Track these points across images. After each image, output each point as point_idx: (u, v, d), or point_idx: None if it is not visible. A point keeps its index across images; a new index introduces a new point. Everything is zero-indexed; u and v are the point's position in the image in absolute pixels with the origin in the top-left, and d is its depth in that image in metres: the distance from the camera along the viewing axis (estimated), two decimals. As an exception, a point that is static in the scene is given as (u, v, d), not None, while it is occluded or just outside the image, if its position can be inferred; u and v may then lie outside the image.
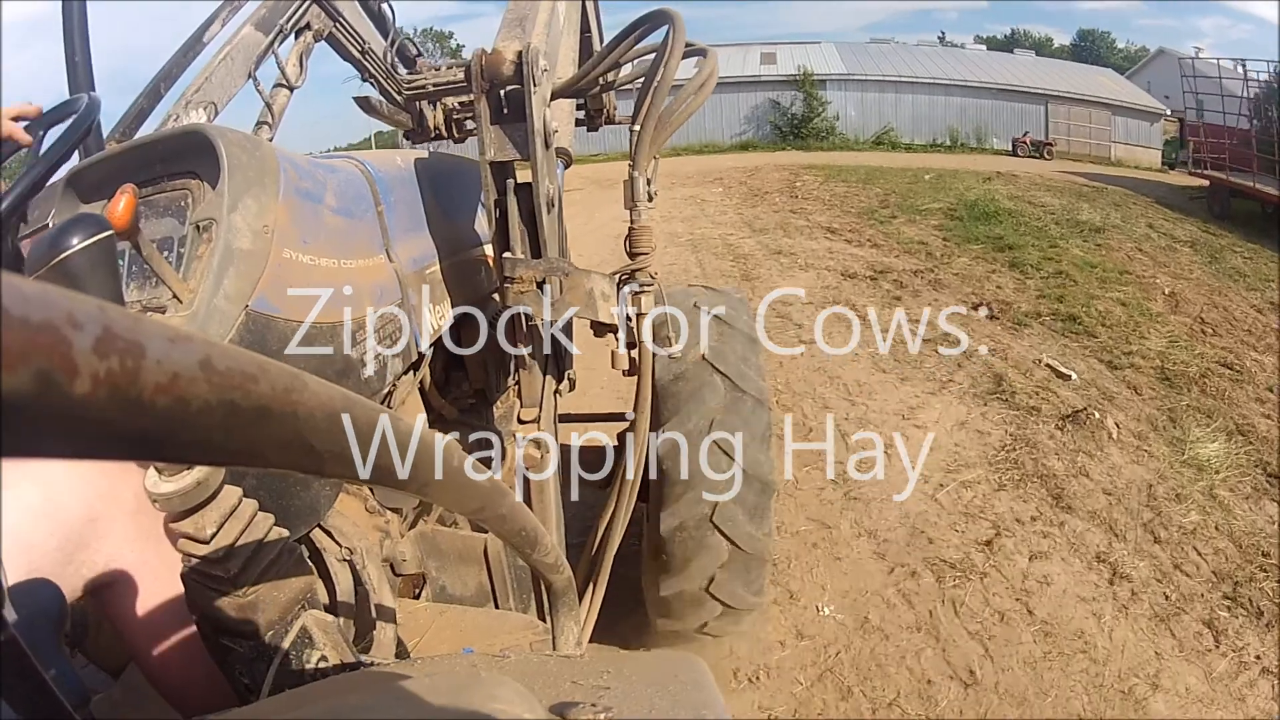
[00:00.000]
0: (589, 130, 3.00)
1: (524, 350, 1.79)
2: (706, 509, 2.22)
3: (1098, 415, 4.83)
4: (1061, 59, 40.51)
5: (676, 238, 11.55)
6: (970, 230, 10.94)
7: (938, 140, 31.48)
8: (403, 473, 0.37)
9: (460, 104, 2.73)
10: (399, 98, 2.65)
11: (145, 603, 1.03)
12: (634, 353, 1.83)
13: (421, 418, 1.98)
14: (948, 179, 17.54)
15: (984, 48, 41.54)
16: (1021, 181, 17.73)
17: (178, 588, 0.99)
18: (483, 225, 2.17)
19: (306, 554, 1.38)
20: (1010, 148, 28.76)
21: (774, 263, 9.62)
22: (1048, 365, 5.76)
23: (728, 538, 2.23)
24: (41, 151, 1.54)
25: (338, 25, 2.41)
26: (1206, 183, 14.62)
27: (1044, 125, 30.39)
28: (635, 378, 1.89)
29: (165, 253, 1.25)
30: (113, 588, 1.01)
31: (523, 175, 1.66)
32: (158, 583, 1.03)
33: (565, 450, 2.28)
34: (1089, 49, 54.66)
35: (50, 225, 1.36)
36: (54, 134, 1.59)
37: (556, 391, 1.91)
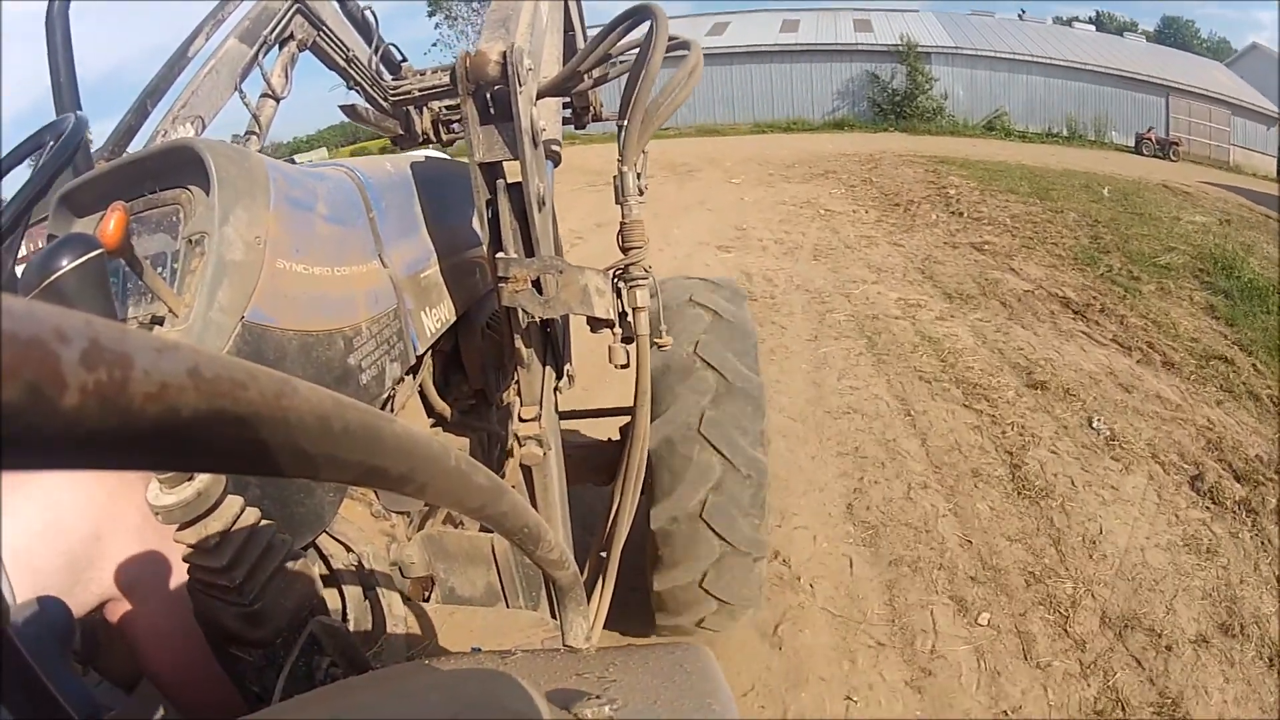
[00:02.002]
0: (576, 127, 3.00)
1: (521, 349, 1.79)
2: (696, 504, 2.34)
3: None
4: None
5: (824, 305, 7.31)
6: (1257, 323, 7.04)
7: (1053, 129, 27.92)
8: (398, 474, 0.38)
9: (447, 107, 2.73)
10: (385, 104, 2.65)
11: (153, 615, 1.03)
12: (631, 347, 1.84)
13: (422, 420, 1.99)
14: (1135, 200, 13.63)
15: (1093, 28, 36.37)
16: (1208, 208, 13.72)
17: (185, 599, 1.00)
18: (475, 226, 2.18)
19: (313, 561, 1.39)
20: (1133, 144, 25.61)
21: (1048, 420, 4.91)
22: None
23: (718, 534, 2.35)
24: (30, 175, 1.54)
25: (321, 34, 2.40)
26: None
27: (1164, 121, 26.74)
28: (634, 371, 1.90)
29: (159, 268, 1.25)
30: (120, 602, 1.02)
31: (513, 175, 1.66)
32: (165, 595, 1.04)
33: (568, 448, 2.30)
34: (1173, 37, 49.36)
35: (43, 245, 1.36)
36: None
37: (556, 388, 1.92)
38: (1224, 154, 25.73)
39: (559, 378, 1.94)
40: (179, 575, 0.99)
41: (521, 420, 1.80)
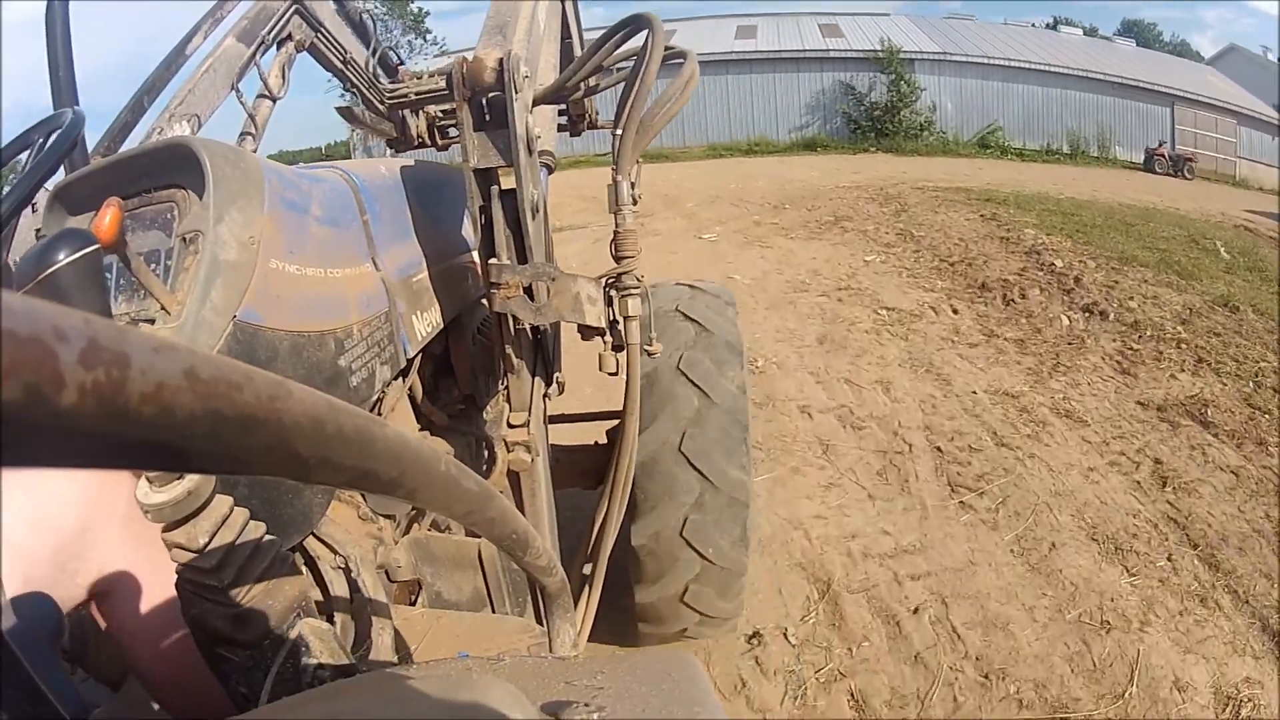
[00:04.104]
0: (571, 135, 3.01)
1: (512, 355, 1.79)
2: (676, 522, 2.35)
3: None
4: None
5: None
6: None
7: (1053, 146, 24.78)
8: (389, 478, 0.38)
9: (443, 112, 2.73)
10: (381, 107, 2.65)
11: (141, 611, 1.03)
12: (621, 355, 1.84)
13: (411, 424, 1.99)
14: (1264, 268, 9.84)
15: (1079, 32, 32.20)
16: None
17: (173, 595, 1.00)
18: (468, 232, 2.18)
19: (301, 562, 1.39)
20: (1143, 160, 22.75)
21: None
22: None
23: (698, 552, 2.37)
24: (26, 169, 1.54)
25: (319, 36, 2.41)
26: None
27: (1170, 133, 24.03)
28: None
29: (152, 265, 1.25)
30: (107, 597, 1.02)
31: (507, 182, 1.67)
32: (152, 591, 1.03)
33: (555, 452, 2.31)
34: (1133, 41, 42.36)
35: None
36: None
37: (545, 395, 1.92)
38: (1230, 167, 23.61)
39: (548, 384, 1.94)
40: (167, 570, 0.99)
41: (510, 426, 1.80)
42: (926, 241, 10.19)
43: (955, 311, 7.34)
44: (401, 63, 2.86)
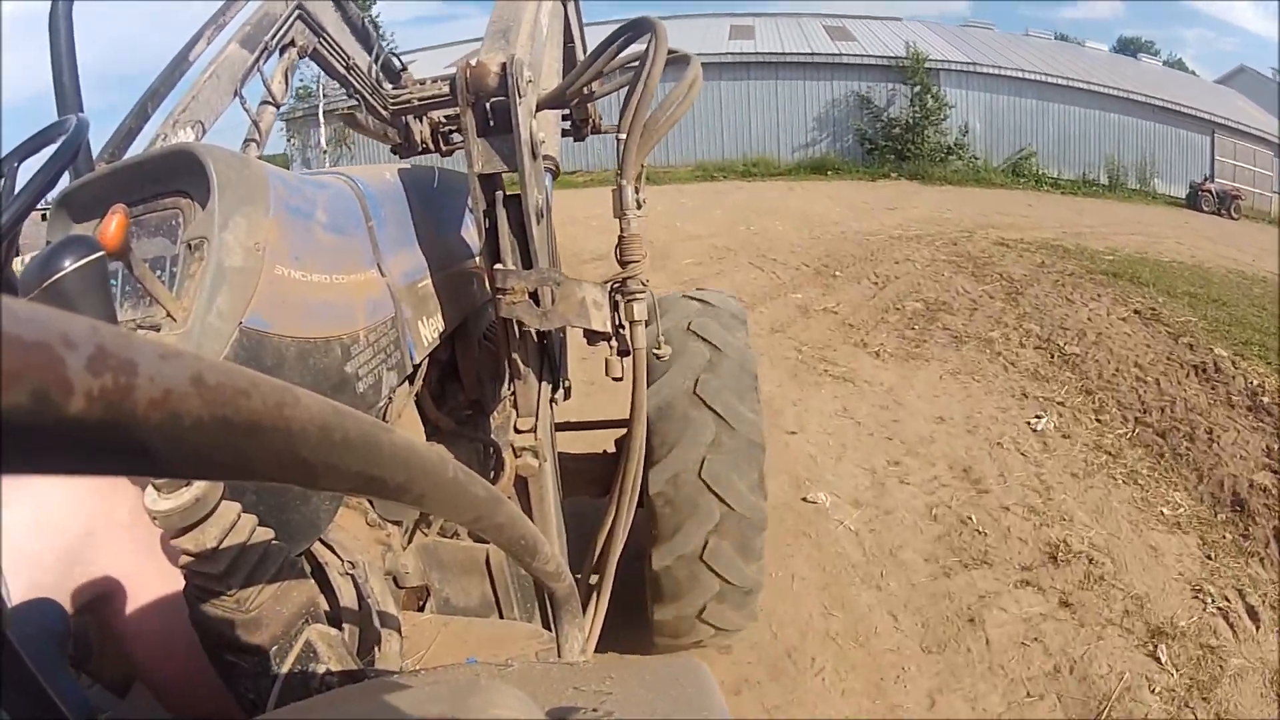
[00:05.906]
0: (575, 140, 3.02)
1: (518, 360, 1.79)
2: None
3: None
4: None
5: None
6: None
7: (1089, 175, 21.57)
8: (396, 483, 0.38)
9: (446, 117, 2.74)
10: (385, 113, 2.65)
11: (146, 616, 1.03)
12: (627, 360, 1.84)
13: (418, 430, 1.99)
14: None
15: (1105, 48, 29.09)
16: None
17: (178, 600, 1.00)
18: (473, 237, 2.18)
19: (308, 568, 1.39)
20: (1187, 196, 20.04)
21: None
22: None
23: (718, 575, 2.41)
24: (31, 176, 1.54)
25: (322, 41, 2.41)
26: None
27: (1209, 164, 21.27)
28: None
29: (158, 272, 1.25)
30: (113, 602, 1.02)
31: (511, 187, 1.67)
32: (157, 596, 1.03)
33: (563, 461, 2.31)
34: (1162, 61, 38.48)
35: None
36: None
37: (552, 400, 1.92)
38: (1266, 203, 20.55)
39: (555, 389, 1.94)
40: (172, 574, 0.99)
41: (518, 431, 1.80)
42: (1094, 372, 6.20)
43: (1255, 623, 3.32)
44: (404, 68, 2.85)
